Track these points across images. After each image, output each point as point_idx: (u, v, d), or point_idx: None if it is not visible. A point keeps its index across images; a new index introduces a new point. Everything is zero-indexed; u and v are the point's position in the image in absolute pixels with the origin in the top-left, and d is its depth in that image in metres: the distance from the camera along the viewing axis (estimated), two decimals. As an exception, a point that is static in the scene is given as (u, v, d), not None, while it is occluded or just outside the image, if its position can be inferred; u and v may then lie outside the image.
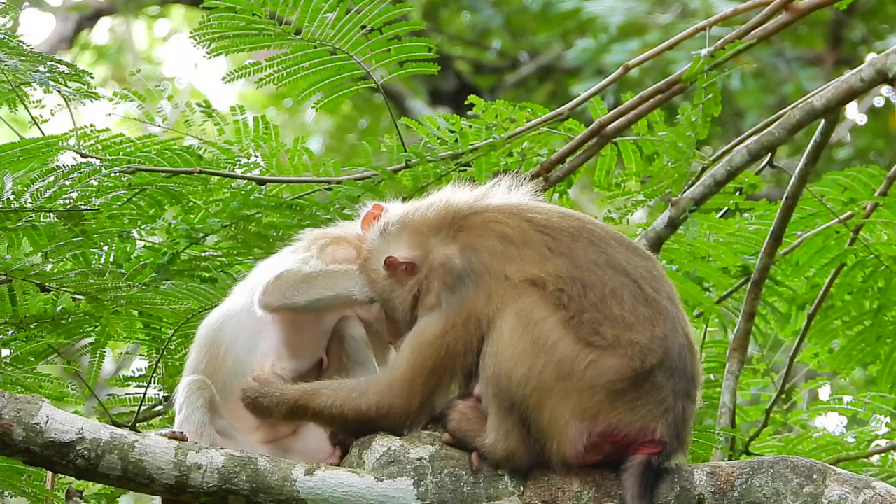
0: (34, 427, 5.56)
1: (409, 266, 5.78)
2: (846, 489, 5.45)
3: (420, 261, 5.76)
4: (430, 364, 5.62)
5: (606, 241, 5.66)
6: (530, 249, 5.61)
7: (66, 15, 19.11)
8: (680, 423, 5.55)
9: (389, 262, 5.79)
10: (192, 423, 5.82)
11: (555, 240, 5.63)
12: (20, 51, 7.24)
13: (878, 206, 8.21)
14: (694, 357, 5.64)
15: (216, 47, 7.69)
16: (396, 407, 5.65)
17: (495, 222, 5.68)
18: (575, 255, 5.60)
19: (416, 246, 5.79)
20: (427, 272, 5.71)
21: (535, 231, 5.64)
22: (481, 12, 18.13)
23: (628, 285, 5.58)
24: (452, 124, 7.95)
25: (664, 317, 5.57)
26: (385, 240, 5.85)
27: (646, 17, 16.42)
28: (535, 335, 5.52)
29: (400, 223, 5.85)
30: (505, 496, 5.58)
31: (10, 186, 6.98)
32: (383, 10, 7.68)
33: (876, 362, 8.49)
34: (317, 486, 5.60)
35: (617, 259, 5.62)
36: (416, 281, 5.76)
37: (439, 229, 5.75)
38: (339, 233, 6.11)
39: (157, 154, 7.69)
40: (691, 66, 7.96)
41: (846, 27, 17.27)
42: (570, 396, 5.50)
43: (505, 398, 5.54)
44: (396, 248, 5.81)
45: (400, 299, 5.81)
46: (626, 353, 5.51)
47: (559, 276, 5.55)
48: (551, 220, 5.68)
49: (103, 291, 6.98)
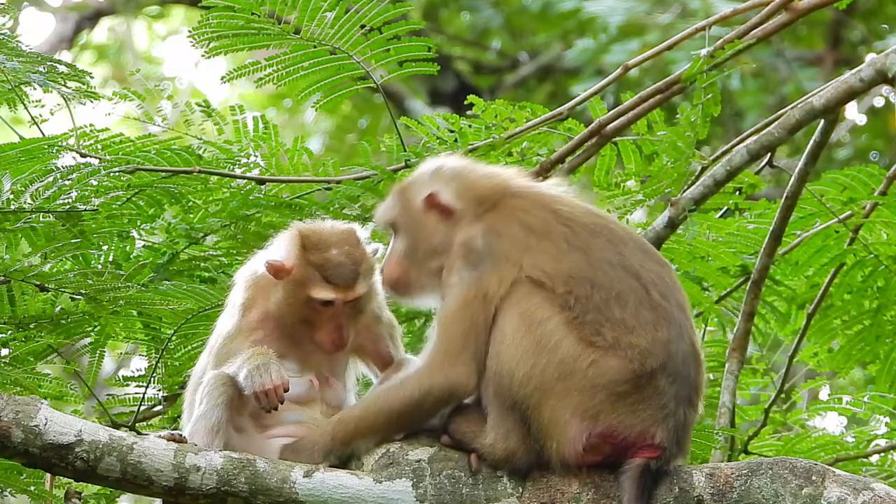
0: (33, 429, 5.55)
1: (446, 211, 5.83)
2: (845, 490, 5.45)
3: (456, 215, 5.82)
4: (458, 331, 5.64)
5: (625, 242, 5.71)
6: (550, 242, 5.66)
7: (66, 15, 19.10)
8: (680, 430, 5.55)
9: (431, 198, 5.85)
10: (210, 420, 5.76)
11: (574, 233, 5.67)
12: (19, 51, 7.24)
13: (877, 206, 8.21)
14: (698, 366, 5.66)
15: (215, 47, 7.69)
16: (438, 381, 5.63)
17: (522, 211, 5.74)
18: (591, 252, 5.65)
19: (457, 200, 5.84)
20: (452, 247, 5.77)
21: (557, 223, 5.69)
22: (481, 12, 18.13)
23: (636, 289, 5.60)
24: (452, 124, 7.95)
25: (669, 323, 5.58)
26: (434, 179, 5.89)
27: (645, 17, 16.41)
28: (537, 335, 5.54)
29: (455, 172, 5.90)
30: (504, 498, 5.58)
31: (9, 187, 6.97)
32: (383, 9, 7.67)
33: (875, 362, 8.49)
34: (315, 488, 5.60)
35: (631, 261, 5.66)
36: (443, 236, 5.80)
37: (477, 203, 5.81)
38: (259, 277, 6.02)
39: (157, 154, 7.69)
40: (691, 66, 7.95)
41: (846, 27, 17.26)
42: (571, 396, 5.51)
43: (506, 397, 5.56)
44: (442, 190, 5.85)
45: (424, 237, 5.84)
46: (626, 356, 5.53)
47: (570, 274, 5.60)
48: (575, 214, 5.73)
49: (102, 292, 6.98)
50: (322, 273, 5.85)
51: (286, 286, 5.87)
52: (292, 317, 5.89)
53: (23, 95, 7.43)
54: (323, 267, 5.85)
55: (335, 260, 5.86)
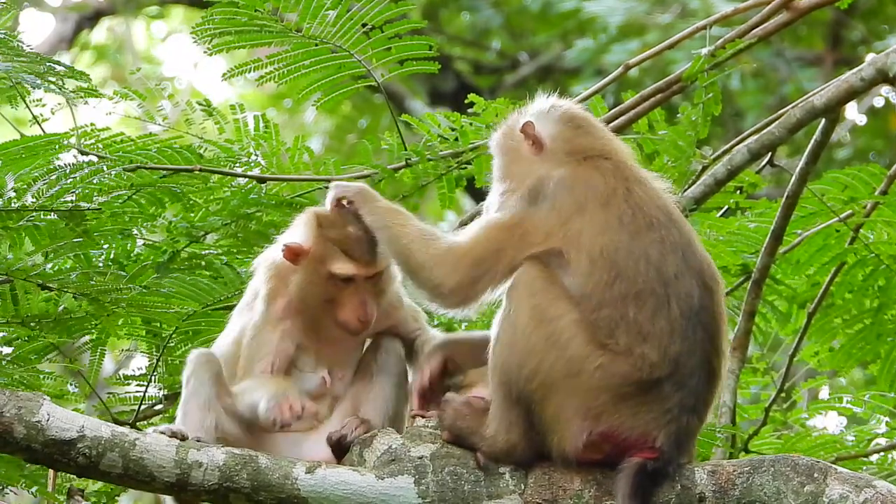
0: (35, 425, 5.56)
1: (537, 143, 5.89)
2: (847, 488, 5.45)
3: (545, 152, 5.87)
4: (479, 249, 5.67)
5: (675, 250, 5.65)
6: (604, 214, 5.65)
7: (66, 15, 19.10)
8: (683, 436, 5.54)
9: (527, 126, 5.90)
10: (200, 397, 5.79)
11: (633, 217, 5.66)
12: (19, 51, 7.24)
13: (878, 205, 8.21)
14: (712, 380, 5.62)
15: (218, 44, 7.68)
16: (438, 272, 5.68)
17: (600, 174, 5.76)
18: (635, 240, 5.62)
19: (552, 140, 5.89)
20: (528, 178, 5.81)
21: (623, 200, 5.69)
22: (481, 12, 18.12)
23: (658, 296, 5.57)
24: (453, 122, 7.95)
25: (683, 338, 5.54)
26: (541, 113, 5.95)
27: (645, 17, 16.42)
28: (548, 331, 5.54)
29: (566, 117, 5.96)
30: (506, 494, 5.58)
31: (11, 185, 6.98)
32: (384, 8, 7.67)
33: (876, 361, 8.49)
34: (318, 484, 5.60)
35: (668, 269, 5.61)
36: (527, 166, 5.85)
37: (570, 151, 5.87)
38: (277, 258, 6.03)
39: (158, 153, 7.69)
40: (691, 65, 7.96)
41: (846, 27, 17.26)
42: (577, 395, 5.51)
43: (513, 389, 5.56)
44: (542, 125, 5.90)
45: (511, 159, 5.92)
46: (635, 364, 5.51)
47: (604, 252, 5.58)
48: (646, 202, 5.71)
49: (104, 292, 6.98)
50: (341, 248, 5.84)
51: (306, 267, 5.86)
52: (314, 298, 5.88)
53: (24, 94, 7.44)
54: (342, 241, 5.84)
55: (354, 234, 5.86)
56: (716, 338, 5.64)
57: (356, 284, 5.86)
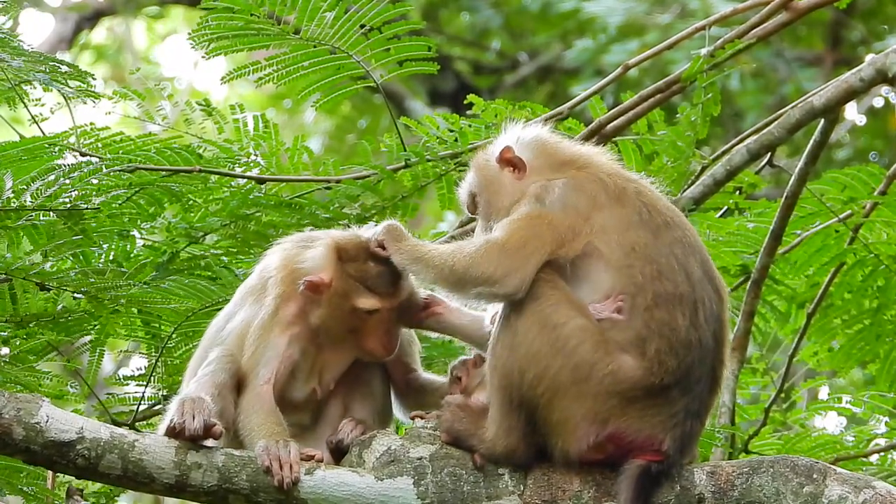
0: (34, 426, 5.56)
1: (519, 165, 5.81)
2: (846, 488, 5.45)
3: (529, 171, 5.79)
4: (519, 235, 5.57)
5: (693, 253, 5.61)
6: (622, 210, 5.58)
7: (66, 15, 19.11)
8: (686, 440, 5.54)
9: (505, 151, 5.83)
10: (217, 379, 5.79)
11: (650, 214, 5.60)
12: (21, 51, 7.24)
13: (877, 206, 8.21)
14: (713, 389, 5.62)
15: (215, 48, 7.69)
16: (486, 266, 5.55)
17: (606, 174, 5.69)
18: (659, 237, 5.56)
19: (534, 158, 5.82)
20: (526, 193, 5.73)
21: (636, 197, 5.62)
22: (481, 13, 18.13)
23: (691, 302, 5.51)
24: (452, 124, 7.94)
25: (701, 348, 5.52)
26: (510, 138, 5.88)
27: (645, 18, 16.42)
28: (553, 336, 5.48)
29: (535, 137, 5.89)
30: (505, 495, 5.58)
31: (10, 185, 6.97)
32: (382, 9, 7.67)
33: (875, 361, 8.49)
34: (317, 486, 5.60)
35: (694, 272, 5.55)
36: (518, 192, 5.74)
37: (558, 164, 5.79)
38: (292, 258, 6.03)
39: (157, 153, 7.69)
40: (691, 65, 7.96)
41: (845, 27, 17.26)
42: (585, 400, 5.47)
43: (514, 394, 5.52)
44: (517, 146, 5.83)
45: (498, 193, 5.81)
46: (651, 369, 5.47)
47: (633, 247, 5.52)
48: (655, 201, 5.66)
49: (103, 291, 6.98)
50: (364, 284, 5.87)
51: (329, 300, 5.89)
52: (339, 328, 5.92)
53: (23, 94, 7.44)
54: (363, 278, 5.87)
55: (374, 269, 5.88)
56: (722, 346, 5.63)
57: (380, 314, 5.90)
